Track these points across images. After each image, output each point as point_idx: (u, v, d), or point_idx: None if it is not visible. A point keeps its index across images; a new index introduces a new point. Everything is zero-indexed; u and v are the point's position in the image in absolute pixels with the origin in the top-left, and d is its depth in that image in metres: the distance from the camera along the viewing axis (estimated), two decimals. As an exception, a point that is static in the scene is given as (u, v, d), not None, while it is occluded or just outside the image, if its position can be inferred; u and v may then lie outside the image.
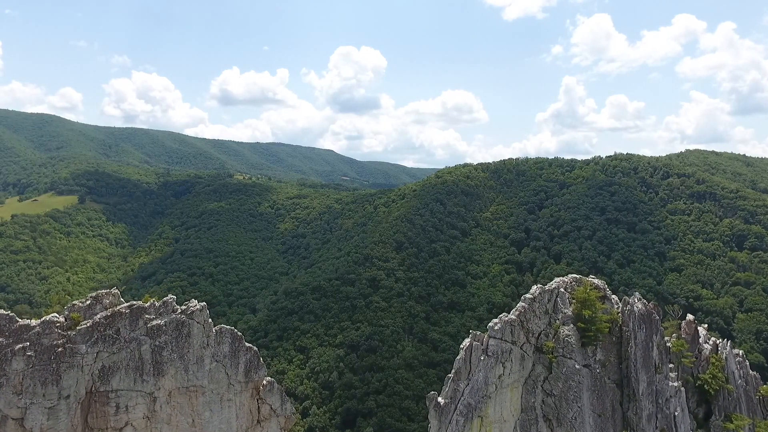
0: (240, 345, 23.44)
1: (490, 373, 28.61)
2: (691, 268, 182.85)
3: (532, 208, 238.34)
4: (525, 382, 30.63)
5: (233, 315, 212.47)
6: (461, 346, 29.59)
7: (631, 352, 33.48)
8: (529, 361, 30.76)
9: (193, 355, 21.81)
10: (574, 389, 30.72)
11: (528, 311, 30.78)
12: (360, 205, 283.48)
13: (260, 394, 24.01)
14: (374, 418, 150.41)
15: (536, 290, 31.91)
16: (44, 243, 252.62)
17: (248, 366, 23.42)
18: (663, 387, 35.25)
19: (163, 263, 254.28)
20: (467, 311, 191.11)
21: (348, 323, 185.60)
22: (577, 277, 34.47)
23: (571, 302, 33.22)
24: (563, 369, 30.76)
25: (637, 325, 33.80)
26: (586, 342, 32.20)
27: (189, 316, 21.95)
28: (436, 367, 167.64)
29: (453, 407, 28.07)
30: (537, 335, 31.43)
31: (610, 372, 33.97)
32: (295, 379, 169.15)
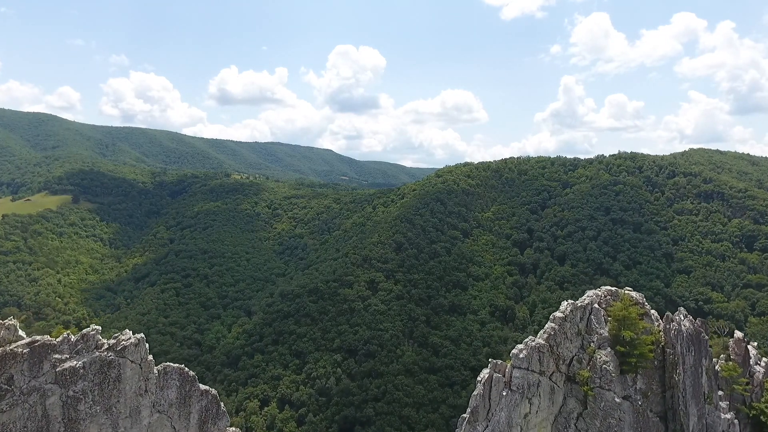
0: (192, 389, 17.93)
1: (514, 412, 23.08)
2: (699, 270, 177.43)
3: (534, 208, 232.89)
4: (555, 420, 25.04)
5: (228, 318, 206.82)
6: (478, 379, 24.04)
7: (678, 380, 27.87)
8: (560, 394, 25.18)
9: (126, 406, 16.33)
10: (614, 428, 25.14)
11: (558, 333, 25.21)
12: (359, 205, 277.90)
13: (219, 451, 18.57)
14: (373, 426, 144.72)
15: (567, 307, 26.32)
16: (35, 244, 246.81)
17: (204, 416, 17.98)
18: (714, 420, 29.64)
19: (158, 264, 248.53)
20: (469, 314, 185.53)
21: (346, 327, 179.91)
22: (612, 290, 28.87)
23: (607, 320, 27.61)
24: (601, 404, 25.16)
25: (686, 347, 28.17)
26: (627, 369, 26.58)
27: (119, 353, 16.44)
28: (437, 372, 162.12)
29: (468, 456, 22.55)
30: (568, 362, 25.86)
31: (652, 404, 28.38)
32: (291, 385, 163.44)
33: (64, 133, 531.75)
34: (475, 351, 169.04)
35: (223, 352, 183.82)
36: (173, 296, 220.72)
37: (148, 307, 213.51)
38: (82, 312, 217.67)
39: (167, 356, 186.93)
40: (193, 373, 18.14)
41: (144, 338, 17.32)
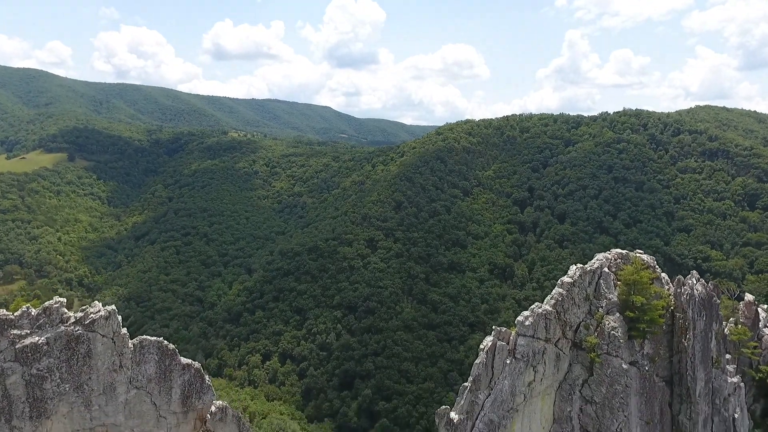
0: (172, 363, 16.72)
1: (518, 380, 22.14)
2: (700, 228, 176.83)
3: (536, 167, 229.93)
4: (559, 386, 24.19)
5: (228, 275, 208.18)
6: (481, 347, 22.98)
7: (688, 345, 26.92)
8: (565, 361, 24.23)
9: (99, 383, 15.14)
10: (620, 394, 24.33)
11: (566, 299, 23.96)
12: (358, 163, 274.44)
13: (207, 425, 17.58)
14: (372, 379, 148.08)
15: (575, 272, 24.95)
16: (33, 202, 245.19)
17: (186, 390, 16.86)
18: (720, 384, 28.96)
19: (157, 222, 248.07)
20: (468, 272, 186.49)
21: (346, 284, 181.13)
22: (623, 253, 27.45)
23: (616, 285, 26.33)
24: (608, 370, 24.25)
25: (697, 312, 27.05)
26: (635, 335, 25.54)
27: (87, 327, 15.07)
28: (436, 328, 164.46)
29: (470, 425, 21.77)
30: (575, 328, 24.76)
31: (659, 368, 27.57)
32: (292, 341, 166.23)
33: (57, 90, 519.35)
34: (474, 308, 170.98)
35: (224, 309, 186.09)
36: (174, 254, 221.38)
37: (148, 265, 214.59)
38: (83, 270, 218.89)
39: (169, 312, 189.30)
40: (172, 347, 16.93)
41: (115, 311, 15.94)
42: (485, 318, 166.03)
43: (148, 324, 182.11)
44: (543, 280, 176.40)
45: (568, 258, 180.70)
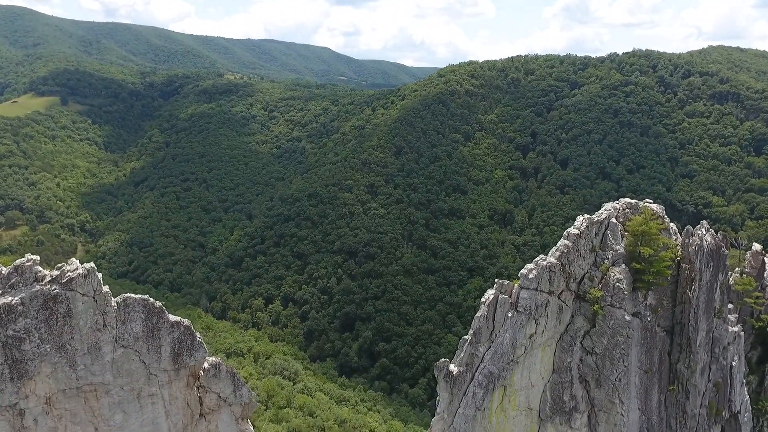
0: (159, 321, 16.06)
1: (520, 333, 21.74)
2: (703, 174, 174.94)
3: (540, 110, 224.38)
4: (560, 338, 23.89)
5: (229, 221, 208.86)
6: (482, 300, 22.41)
7: (692, 296, 26.44)
8: (567, 313, 23.79)
9: (82, 343, 14.52)
10: (621, 346, 24.10)
11: (572, 251, 23.13)
12: (357, 107, 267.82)
13: (201, 381, 17.24)
14: (373, 322, 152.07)
15: (583, 223, 23.97)
16: (28, 147, 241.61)
17: (176, 348, 16.34)
18: (721, 334, 28.79)
19: (155, 168, 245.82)
20: (468, 218, 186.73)
21: (346, 230, 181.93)
22: (632, 203, 26.37)
23: (623, 236, 25.44)
24: (610, 322, 23.87)
25: (705, 263, 26.33)
26: (640, 286, 24.96)
27: (65, 286, 14.21)
28: (435, 273, 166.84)
29: (469, 376, 21.60)
30: (579, 280, 24.12)
31: (661, 319, 27.25)
32: (294, 285, 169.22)
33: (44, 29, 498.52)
34: (473, 253, 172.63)
35: (226, 254, 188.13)
36: (173, 200, 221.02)
37: (149, 211, 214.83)
38: (84, 215, 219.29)
39: (172, 257, 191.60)
40: (159, 304, 16.22)
41: (95, 269, 15.06)
42: (484, 263, 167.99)
43: (152, 269, 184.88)
44: (542, 226, 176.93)
45: (569, 204, 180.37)
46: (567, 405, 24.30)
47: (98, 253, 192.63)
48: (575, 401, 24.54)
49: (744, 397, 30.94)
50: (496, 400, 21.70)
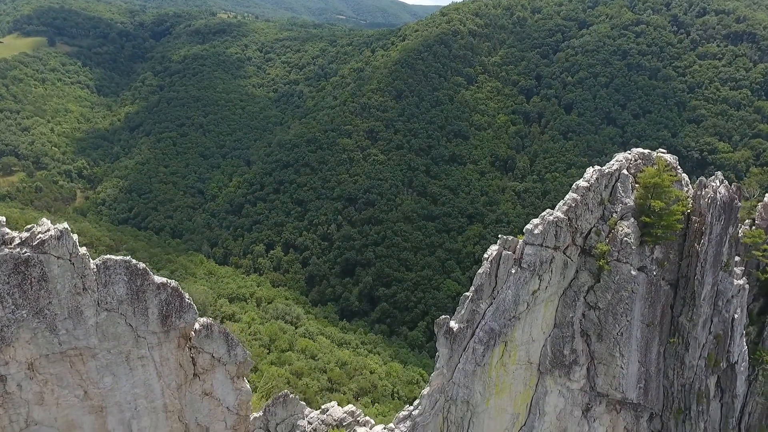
0: (144, 283, 15.27)
1: (523, 289, 21.14)
2: (711, 119, 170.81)
3: (546, 52, 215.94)
4: (563, 293, 23.36)
5: (228, 167, 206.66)
6: (485, 256, 21.63)
7: (701, 250, 25.69)
8: (572, 269, 23.12)
9: (62, 307, 13.78)
10: (625, 301, 23.63)
11: (579, 205, 22.07)
12: (357, 48, 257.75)
13: (192, 342, 16.74)
14: (373, 267, 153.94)
15: (592, 175, 22.77)
16: (18, 91, 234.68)
17: (164, 310, 15.66)
18: (726, 287, 28.33)
19: (150, 113, 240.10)
20: (469, 164, 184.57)
21: (345, 176, 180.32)
22: (645, 153, 25.03)
23: (634, 188, 24.32)
24: (615, 277, 23.26)
25: (716, 216, 25.38)
26: (648, 240, 24.13)
27: (37, 248, 13.24)
28: (435, 220, 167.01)
29: (469, 333, 21.22)
30: (586, 234, 23.25)
31: (666, 272, 26.64)
32: (294, 231, 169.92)
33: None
34: (473, 200, 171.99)
35: (226, 201, 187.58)
36: (170, 146, 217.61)
37: (146, 157, 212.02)
38: (81, 162, 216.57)
39: (172, 204, 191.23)
40: (143, 266, 15.39)
41: (68, 230, 14.06)
42: (484, 210, 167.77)
43: (152, 215, 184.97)
44: (544, 173, 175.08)
45: (572, 150, 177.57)
46: (567, 359, 24.18)
47: (97, 199, 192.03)
48: (575, 355, 24.41)
49: (742, 348, 30.99)
50: (497, 355, 21.48)
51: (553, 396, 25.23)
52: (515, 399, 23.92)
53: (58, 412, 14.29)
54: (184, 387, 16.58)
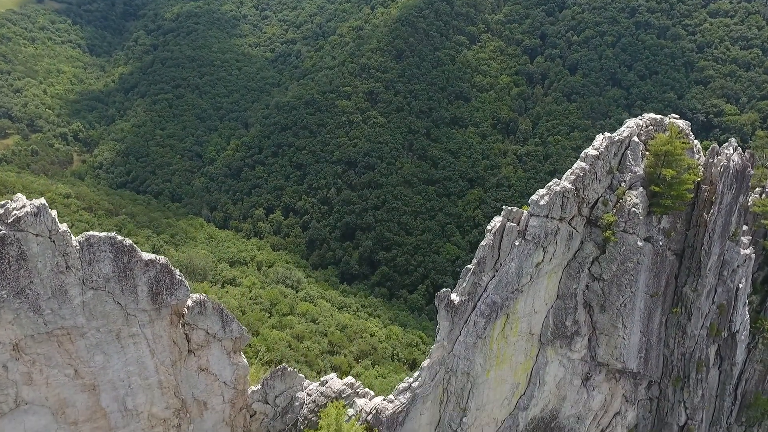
0: (131, 260, 14.58)
1: (526, 261, 20.54)
2: (719, 80, 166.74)
3: (551, 9, 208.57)
4: (567, 264, 22.80)
5: (225, 130, 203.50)
6: (488, 228, 20.91)
7: (710, 220, 24.97)
8: (577, 240, 22.47)
9: (45, 287, 13.11)
10: (630, 272, 23.11)
11: (588, 174, 21.16)
12: (355, 5, 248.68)
13: (186, 319, 16.23)
14: (373, 232, 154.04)
15: (602, 143, 21.74)
16: (8, 51, 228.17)
17: (154, 288, 15.05)
18: (732, 256, 27.80)
19: (144, 74, 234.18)
20: (470, 127, 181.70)
21: (345, 139, 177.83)
22: (656, 119, 23.89)
23: (644, 155, 23.35)
24: (621, 248, 22.64)
25: (727, 185, 24.52)
26: (657, 210, 23.37)
27: (12, 226, 12.41)
28: (435, 184, 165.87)
29: (471, 306, 20.78)
30: (592, 204, 22.45)
31: (672, 242, 26.03)
32: (294, 195, 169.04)
33: None
34: (474, 163, 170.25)
35: (224, 164, 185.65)
36: (166, 108, 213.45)
37: (142, 120, 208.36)
38: (76, 124, 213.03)
39: (170, 167, 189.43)
40: (129, 242, 14.66)
41: (45, 206, 13.20)
42: (485, 174, 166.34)
43: (151, 179, 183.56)
44: (546, 136, 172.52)
45: (575, 113, 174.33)
46: (569, 330, 23.89)
47: (95, 163, 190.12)
48: (577, 326, 24.11)
49: (744, 317, 30.81)
50: (498, 327, 21.13)
51: (554, 366, 25.14)
52: (515, 369, 23.81)
53: (48, 392, 13.97)
54: (179, 363, 16.24)
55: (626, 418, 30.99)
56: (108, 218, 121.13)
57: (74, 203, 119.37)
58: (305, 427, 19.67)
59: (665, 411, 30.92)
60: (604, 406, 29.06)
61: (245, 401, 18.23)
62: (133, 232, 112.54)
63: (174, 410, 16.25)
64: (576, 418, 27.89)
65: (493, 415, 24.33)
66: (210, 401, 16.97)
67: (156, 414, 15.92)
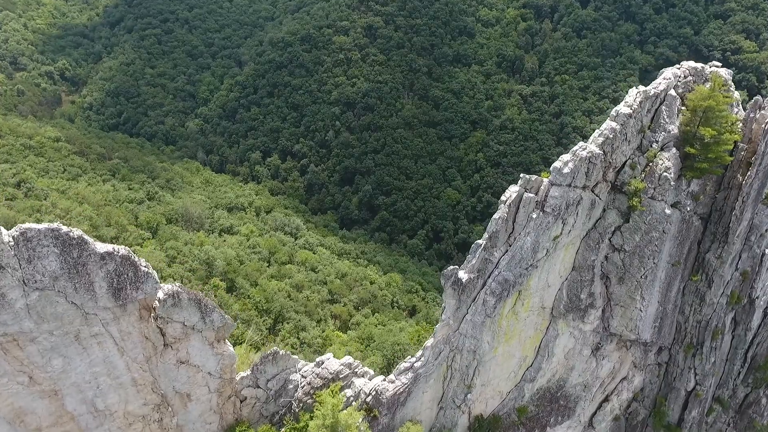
0: (83, 254, 12.33)
1: (543, 236, 18.35)
2: (739, 14, 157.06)
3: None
4: (587, 234, 20.61)
5: (218, 68, 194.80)
6: (502, 200, 18.49)
7: (746, 182, 22.51)
8: (599, 208, 20.16)
9: (-25, 291, 11.01)
10: (654, 242, 20.99)
11: (618, 136, 18.45)
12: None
13: (158, 312, 14.26)
14: (372, 176, 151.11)
15: (635, 98, 18.83)
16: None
17: (115, 283, 12.94)
18: (761, 220, 25.54)
19: (130, 6, 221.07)
20: (474, 65, 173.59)
21: (343, 78, 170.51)
22: (696, 68, 20.78)
23: (680, 111, 20.47)
24: (647, 217, 20.33)
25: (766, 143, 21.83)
26: (689, 174, 20.86)
27: None
28: (437, 126, 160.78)
29: (480, 283, 18.81)
30: (619, 168, 19.90)
31: (699, 206, 23.72)
32: (291, 138, 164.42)
33: None
34: (477, 104, 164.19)
35: (218, 105, 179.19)
36: (155, 44, 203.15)
37: (130, 57, 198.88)
38: (62, 62, 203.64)
39: (162, 108, 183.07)
40: (78, 233, 12.34)
41: None
42: (488, 115, 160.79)
43: (143, 121, 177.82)
44: (553, 75, 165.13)
45: (585, 50, 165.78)
46: (583, 303, 22.14)
47: (84, 104, 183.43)
48: (592, 298, 22.33)
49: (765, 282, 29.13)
50: (509, 305, 19.35)
51: (564, 338, 23.69)
52: (524, 343, 22.32)
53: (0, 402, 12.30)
54: (154, 358, 14.54)
55: (633, 382, 30.12)
56: (101, 162, 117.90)
57: (65, 147, 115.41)
58: (300, 409, 18.42)
59: (673, 376, 29.99)
60: (612, 373, 28.03)
61: (234, 389, 16.83)
62: (128, 177, 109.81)
63: (153, 406, 14.80)
64: (583, 386, 26.88)
65: (498, 388, 23.17)
66: (194, 393, 15.51)
67: (132, 412, 14.46)
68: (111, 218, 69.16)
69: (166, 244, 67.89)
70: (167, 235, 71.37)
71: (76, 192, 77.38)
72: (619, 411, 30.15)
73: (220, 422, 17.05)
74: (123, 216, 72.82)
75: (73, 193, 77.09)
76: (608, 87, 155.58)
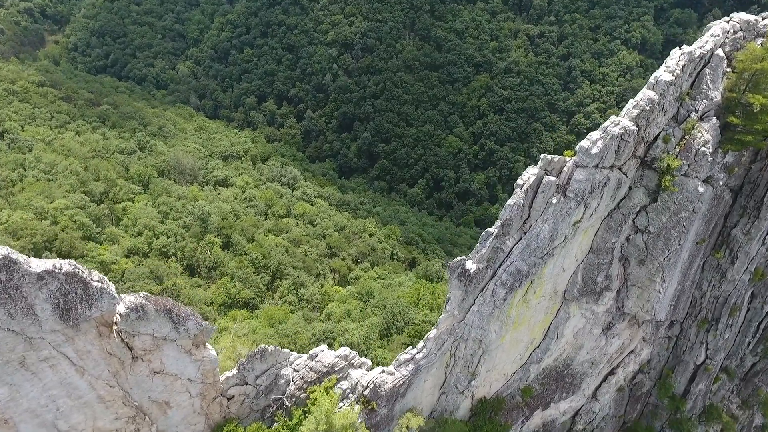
0: (14, 276, 10.12)
1: (563, 222, 16.20)
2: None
3: None
4: (608, 215, 18.47)
5: (207, 5, 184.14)
6: (519, 183, 16.14)
7: (787, 155, 20.07)
8: (625, 187, 17.91)
9: None
10: (683, 222, 18.90)
11: (656, 107, 15.83)
12: None
13: (120, 327, 12.37)
14: (372, 122, 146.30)
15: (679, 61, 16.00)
16: None
17: (61, 303, 10.93)
18: (796, 192, 23.25)
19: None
20: (479, 2, 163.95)
21: (340, 17, 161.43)
22: (749, 22, 17.73)
23: (725, 74, 17.70)
24: (678, 197, 18.10)
25: (821, 112, 19.13)
26: (728, 147, 18.41)
27: None
28: (439, 69, 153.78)
29: (489, 273, 16.88)
30: (651, 141, 17.42)
31: (732, 178, 21.42)
32: (287, 82, 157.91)
33: None
34: (481, 45, 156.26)
35: (210, 46, 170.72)
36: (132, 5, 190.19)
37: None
38: None
39: (151, 50, 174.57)
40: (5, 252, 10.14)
41: None
42: (493, 57, 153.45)
43: (132, 62, 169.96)
44: (563, 14, 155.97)
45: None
46: (599, 286, 20.39)
47: (68, 44, 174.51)
48: (609, 281, 20.53)
49: (790, 255, 27.32)
50: (519, 294, 17.57)
51: (575, 319, 22.18)
52: (533, 328, 20.81)
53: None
54: (123, 372, 12.91)
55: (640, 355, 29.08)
56: (89, 109, 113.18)
57: (50, 93, 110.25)
58: (293, 404, 17.14)
59: (683, 350, 28.91)
60: (621, 349, 26.86)
61: (219, 390, 15.43)
62: (118, 124, 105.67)
63: (126, 419, 13.41)
64: (590, 363, 25.76)
65: (503, 371, 21.94)
66: (173, 400, 14.08)
67: (102, 428, 13.07)
68: (99, 172, 66.41)
69: (158, 200, 65.68)
70: (159, 190, 68.97)
71: (61, 144, 74.02)
72: (624, 382, 29.33)
73: (206, 422, 15.82)
74: (112, 169, 70.00)
75: (59, 145, 73.75)
76: (620, 27, 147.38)
